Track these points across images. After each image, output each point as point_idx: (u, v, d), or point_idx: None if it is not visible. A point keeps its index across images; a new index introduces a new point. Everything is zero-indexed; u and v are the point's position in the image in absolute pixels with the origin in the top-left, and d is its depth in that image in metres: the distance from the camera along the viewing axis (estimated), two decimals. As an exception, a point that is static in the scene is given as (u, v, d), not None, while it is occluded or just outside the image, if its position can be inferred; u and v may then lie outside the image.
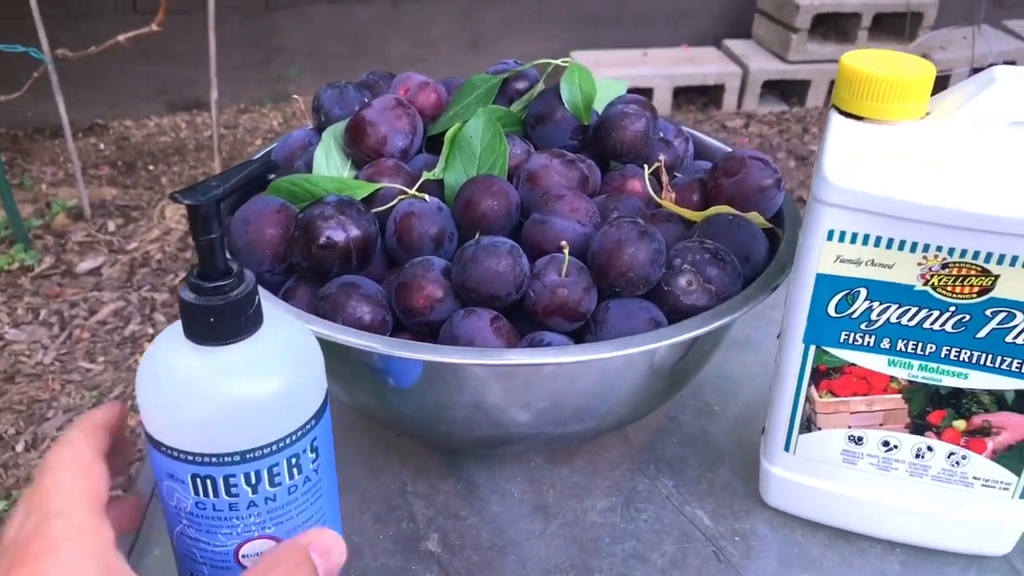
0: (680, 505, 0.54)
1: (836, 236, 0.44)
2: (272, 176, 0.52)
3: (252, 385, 0.39)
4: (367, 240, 0.50)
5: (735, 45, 2.88)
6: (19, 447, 1.45)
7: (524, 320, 0.50)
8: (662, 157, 0.59)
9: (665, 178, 0.59)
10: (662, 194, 0.59)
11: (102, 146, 2.51)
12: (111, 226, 2.08)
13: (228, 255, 0.43)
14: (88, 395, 1.55)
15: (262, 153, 0.62)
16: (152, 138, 2.56)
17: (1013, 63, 2.83)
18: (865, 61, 0.43)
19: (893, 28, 2.79)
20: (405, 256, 0.52)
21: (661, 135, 0.63)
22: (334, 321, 0.47)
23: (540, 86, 0.61)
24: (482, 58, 2.84)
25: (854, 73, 0.43)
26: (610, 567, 0.50)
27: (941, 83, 0.44)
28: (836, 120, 0.44)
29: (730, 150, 0.62)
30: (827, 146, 0.44)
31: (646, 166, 0.58)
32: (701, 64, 2.76)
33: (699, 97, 2.83)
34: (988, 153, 0.42)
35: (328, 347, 0.45)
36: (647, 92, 2.73)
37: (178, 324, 0.41)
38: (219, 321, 0.39)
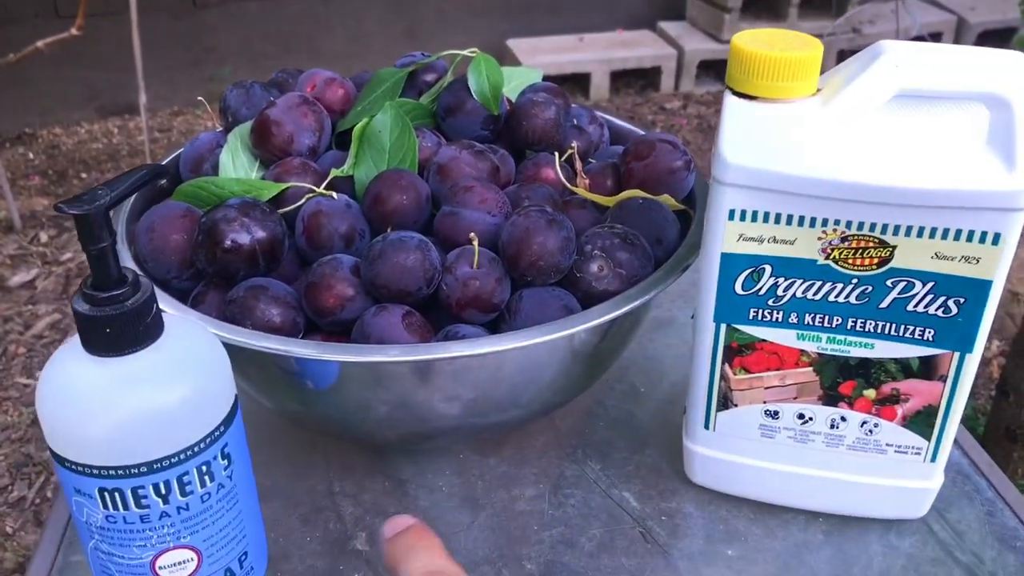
0: (607, 488, 0.54)
1: (737, 215, 0.45)
2: (163, 182, 0.51)
3: (154, 395, 0.39)
4: (273, 241, 0.49)
5: (670, 27, 2.90)
6: (-44, 469, 1.41)
7: (439, 315, 0.50)
8: (575, 144, 0.60)
9: (579, 165, 0.59)
10: (576, 181, 0.59)
11: (31, 155, 2.45)
12: (43, 237, 2.03)
13: (125, 263, 0.42)
14: (26, 412, 1.52)
15: (170, 158, 0.61)
16: (83, 145, 2.51)
17: (940, 34, 2.90)
18: (755, 41, 0.44)
19: (823, 4, 2.83)
20: (315, 255, 0.51)
21: (574, 122, 0.63)
22: (243, 325, 0.47)
23: (449, 77, 0.61)
24: (419, 50, 2.82)
25: (744, 53, 0.43)
26: (538, 554, 0.50)
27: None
28: (731, 101, 0.44)
29: (643, 133, 0.63)
30: (723, 126, 0.44)
31: (558, 154, 0.58)
32: (637, 47, 2.77)
33: (637, 80, 2.84)
34: (878, 126, 0.43)
35: (241, 352, 0.45)
36: (584, 77, 2.73)
37: (76, 338, 0.40)
38: (116, 331, 0.38)
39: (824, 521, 0.52)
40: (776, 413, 0.50)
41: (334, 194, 0.52)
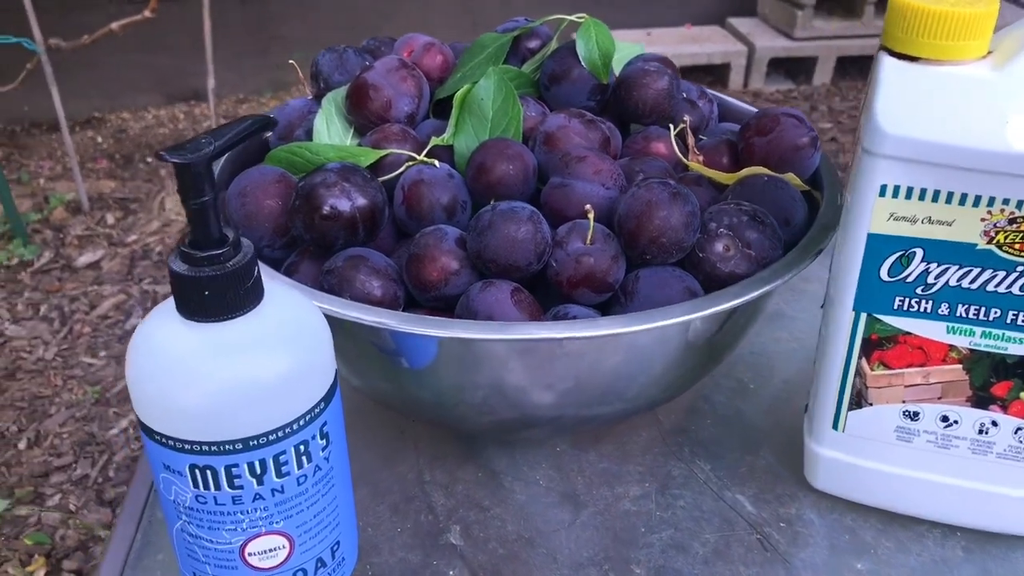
0: (719, 490, 0.50)
1: (890, 191, 0.40)
2: (270, 135, 0.48)
3: (255, 365, 0.35)
4: (374, 209, 0.46)
5: (740, 23, 2.83)
6: (21, 444, 1.41)
7: (545, 293, 0.46)
8: (687, 118, 0.55)
9: (691, 140, 0.55)
10: (689, 156, 0.54)
11: (99, 139, 2.47)
12: (110, 219, 2.04)
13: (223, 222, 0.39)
14: (91, 390, 1.52)
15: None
16: (150, 130, 2.52)
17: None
18: (921, -5, 0.39)
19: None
20: (415, 226, 0.48)
21: (684, 95, 0.59)
22: (341, 296, 0.43)
23: (553, 44, 0.57)
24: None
25: (907, 7, 0.38)
26: (648, 558, 0.46)
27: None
28: (887, 62, 0.40)
29: (757, 110, 0.58)
30: (878, 91, 0.39)
31: (671, 127, 0.54)
32: (706, 43, 2.71)
33: (705, 76, 2.78)
34: (1060, 93, 0.38)
35: (335, 325, 0.42)
36: (652, 73, 2.67)
37: (170, 300, 0.37)
38: (215, 294, 0.35)
39: (963, 536, 0.47)
40: (916, 414, 0.45)
41: (436, 162, 0.49)
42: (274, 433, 0.36)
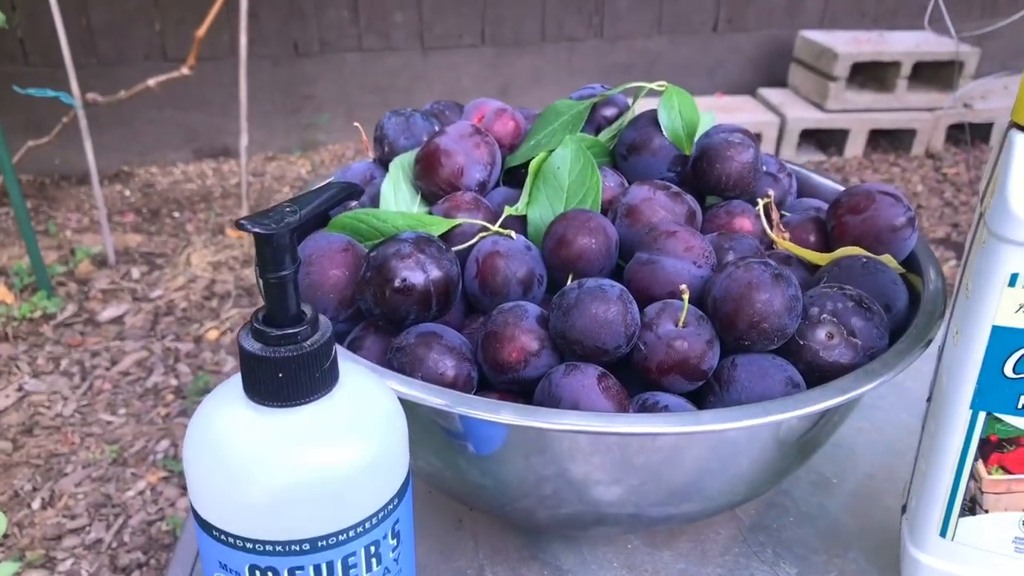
0: (808, 598, 0.46)
1: (1020, 281, 0.37)
2: (354, 204, 0.45)
3: (328, 457, 0.32)
4: (449, 283, 0.42)
5: (771, 94, 2.83)
6: (35, 504, 1.37)
7: (629, 378, 0.43)
8: (771, 192, 0.52)
9: (776, 215, 0.52)
10: (774, 232, 0.51)
11: (127, 193, 2.47)
12: (135, 273, 2.02)
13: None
14: (108, 449, 1.48)
15: (321, 185, 0.56)
16: (178, 185, 2.53)
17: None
18: (1059, 71, 0.36)
19: (932, 77, 2.73)
20: (488, 301, 0.44)
21: (765, 168, 0.56)
22: (412, 376, 0.40)
23: (631, 113, 0.54)
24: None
25: (1047, 84, 0.36)
26: (735, 676, 0.41)
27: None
28: (1022, 141, 0.37)
29: (842, 188, 0.55)
30: (1010, 171, 0.36)
31: (759, 201, 0.51)
32: (737, 113, 2.70)
33: (733, 147, 2.77)
34: None
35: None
36: (681, 141, 2.67)
37: (235, 379, 0.33)
38: (289, 377, 0.31)
39: (1086, 662, 0.43)
40: (1037, 525, 0.41)
41: (512, 233, 0.46)
42: (344, 533, 0.32)
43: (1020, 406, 0.39)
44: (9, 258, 2.05)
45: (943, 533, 0.43)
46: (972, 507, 0.42)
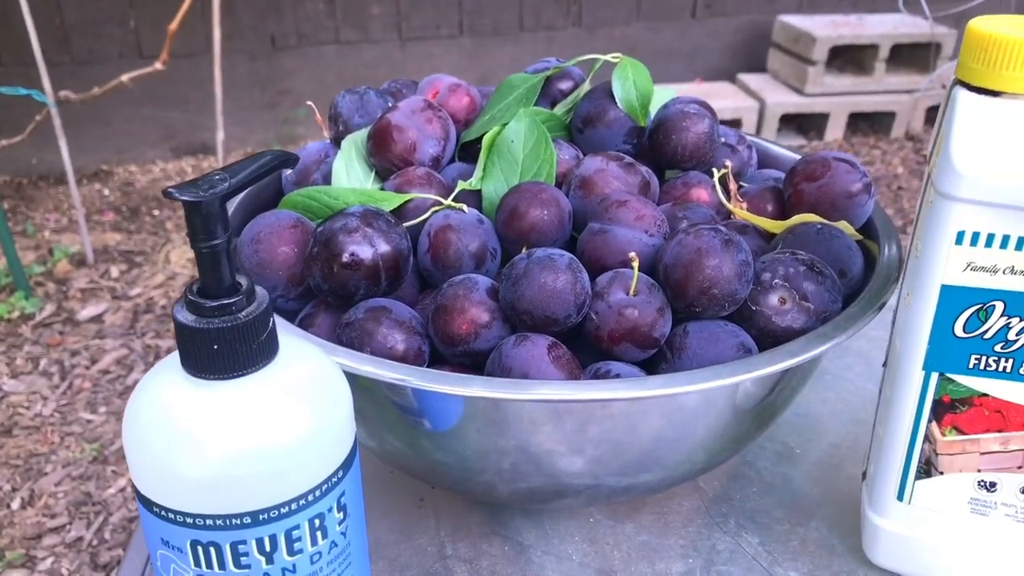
0: (770, 566, 0.46)
1: (967, 239, 0.37)
2: (289, 173, 0.45)
3: (267, 428, 0.31)
4: (398, 257, 0.42)
5: (750, 79, 2.83)
6: (15, 504, 1.36)
7: (580, 348, 0.42)
8: (728, 163, 0.52)
9: (733, 185, 0.52)
10: (731, 202, 0.51)
11: (106, 191, 2.46)
12: (114, 272, 2.01)
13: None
14: (88, 448, 1.47)
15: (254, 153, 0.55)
16: (157, 183, 2.51)
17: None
18: (1000, 24, 0.36)
19: (911, 59, 2.74)
20: (441, 276, 0.44)
21: (723, 140, 0.56)
22: (361, 351, 0.39)
23: (586, 86, 0.54)
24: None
25: (988, 38, 0.35)
26: (695, 645, 0.41)
27: None
28: (965, 98, 0.36)
29: (800, 156, 0.55)
30: (954, 129, 0.36)
31: (711, 172, 0.51)
32: (717, 99, 2.70)
33: (714, 133, 2.77)
34: None
35: (351, 383, 0.38)
36: (661, 128, 2.67)
37: (174, 355, 0.33)
38: (225, 349, 0.31)
39: (1045, 621, 0.43)
40: (993, 485, 0.41)
41: (464, 207, 0.45)
42: (286, 506, 0.32)
43: (971, 366, 0.39)
44: (-14, 259, 2.04)
45: (900, 497, 0.43)
46: (928, 470, 0.42)
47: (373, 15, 2.67)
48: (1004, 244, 0.36)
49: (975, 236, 0.36)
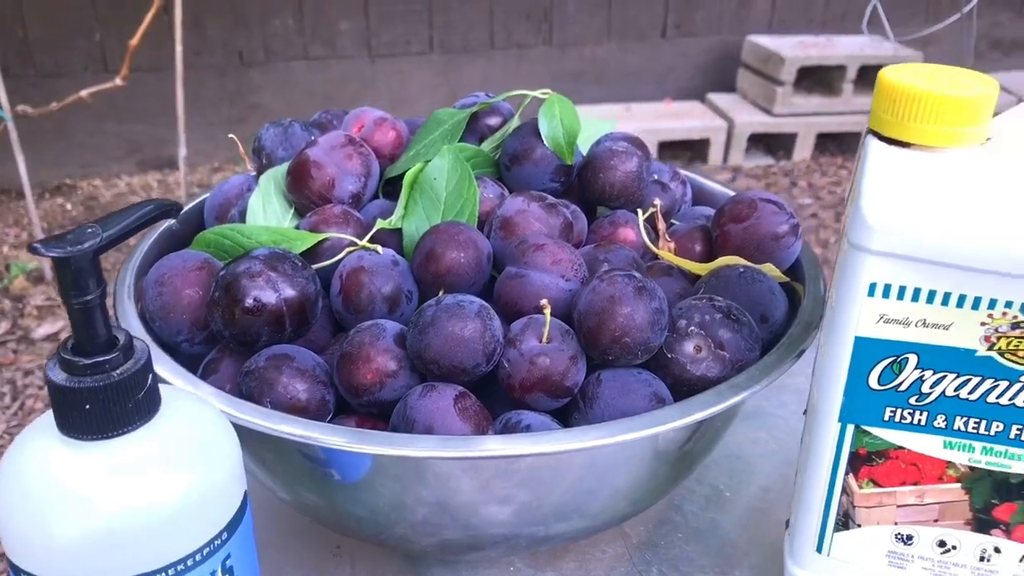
0: (691, 618, 0.45)
1: (879, 291, 0.36)
2: (173, 223, 0.43)
3: (141, 490, 0.30)
4: (304, 301, 0.41)
5: (719, 99, 2.84)
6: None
7: (496, 397, 0.41)
8: (657, 201, 0.51)
9: (662, 225, 0.51)
10: (659, 243, 0.50)
11: (69, 206, 2.42)
12: (73, 289, 1.98)
13: (129, 322, 0.34)
14: (38, 471, 1.44)
15: (193, 203, 0.54)
16: (122, 198, 2.48)
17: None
18: (911, 75, 0.35)
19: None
20: (353, 319, 0.43)
21: (655, 177, 0.55)
22: (260, 403, 0.38)
23: (515, 121, 0.53)
24: (463, 114, 2.78)
25: (899, 90, 0.35)
26: None
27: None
28: (876, 148, 0.36)
29: (734, 193, 0.54)
30: (865, 180, 0.35)
31: (639, 211, 0.50)
32: (685, 118, 2.71)
33: (684, 152, 2.78)
34: (1066, 185, 0.34)
35: (258, 433, 0.36)
36: (631, 147, 2.67)
37: (49, 414, 0.32)
38: (98, 408, 0.30)
39: (966, 676, 0.42)
40: (910, 538, 0.40)
41: (379, 248, 0.44)
42: (164, 572, 0.31)
43: (887, 418, 0.38)
44: (-59, 275, 2.00)
45: (819, 549, 0.42)
46: (846, 522, 0.41)
47: (342, 31, 2.66)
48: (916, 297, 0.36)
49: (887, 288, 0.36)
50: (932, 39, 2.72)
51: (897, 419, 0.38)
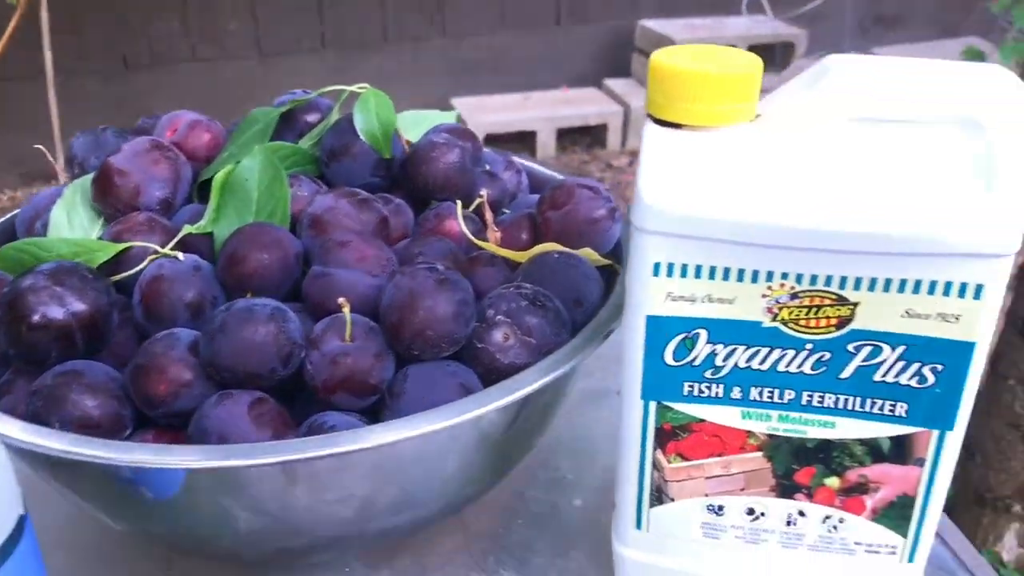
0: (523, 604, 0.45)
1: (664, 270, 0.36)
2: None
3: None
4: (95, 315, 0.39)
5: (616, 84, 2.87)
6: None
7: (307, 400, 0.41)
8: (484, 192, 0.51)
9: (489, 215, 0.51)
10: (486, 234, 0.50)
11: (-52, 225, 2.32)
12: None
13: None
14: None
15: (7, 217, 0.52)
16: (5, 212, 2.38)
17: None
18: (679, 57, 0.36)
19: (766, 59, 2.81)
20: (155, 330, 0.42)
21: (486, 167, 0.55)
22: (48, 423, 0.37)
23: (334, 116, 0.52)
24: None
25: (666, 71, 0.35)
26: None
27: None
28: (651, 131, 0.36)
29: (562, 178, 0.55)
30: (642, 163, 0.36)
31: (461, 203, 0.50)
32: (582, 105, 2.74)
33: (583, 138, 2.80)
34: (832, 158, 0.35)
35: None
36: (531, 136, 2.69)
37: None
38: None
39: (786, 638, 0.43)
40: (721, 508, 0.41)
41: (180, 255, 0.43)
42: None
43: (686, 393, 0.39)
44: None
45: (639, 525, 0.43)
46: (659, 497, 0.42)
47: (230, 31, 2.60)
48: (698, 274, 0.36)
49: (671, 267, 0.36)
50: (817, 16, 2.80)
51: (696, 393, 0.39)
